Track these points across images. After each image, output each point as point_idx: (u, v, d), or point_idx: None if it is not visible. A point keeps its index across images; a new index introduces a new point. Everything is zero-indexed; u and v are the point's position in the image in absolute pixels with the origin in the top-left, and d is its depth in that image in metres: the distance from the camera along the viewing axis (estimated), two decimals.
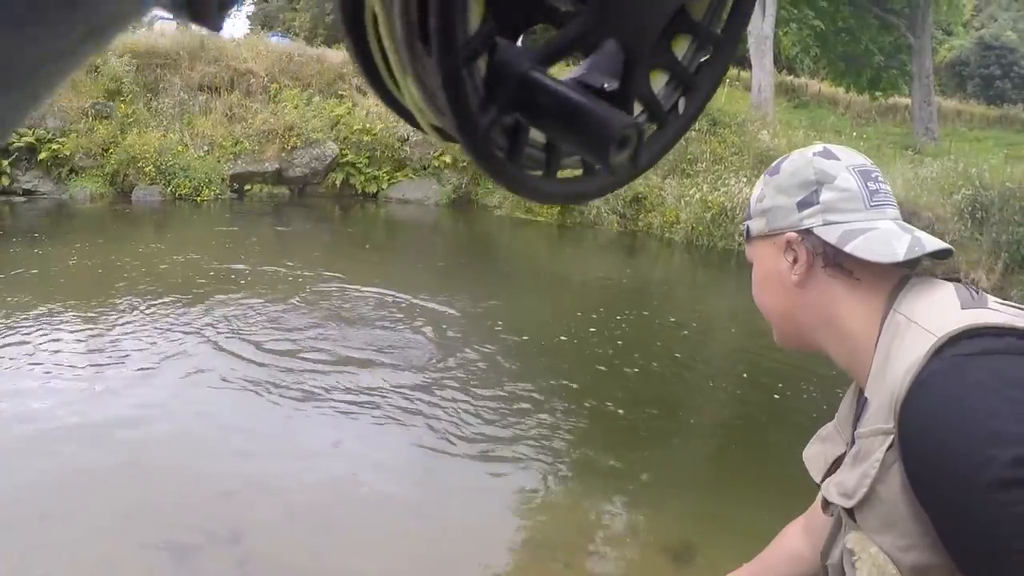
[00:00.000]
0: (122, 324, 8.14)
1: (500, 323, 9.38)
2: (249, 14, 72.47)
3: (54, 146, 17.40)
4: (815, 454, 1.62)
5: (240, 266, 11.35)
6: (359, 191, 20.68)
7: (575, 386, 7.58)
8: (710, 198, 17.54)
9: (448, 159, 21.11)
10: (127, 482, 5.08)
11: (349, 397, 6.71)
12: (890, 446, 1.23)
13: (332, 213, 18.81)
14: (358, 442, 6.07)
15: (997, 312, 1.27)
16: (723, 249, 16.88)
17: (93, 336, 7.71)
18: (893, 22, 30.45)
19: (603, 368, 8.30)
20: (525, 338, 8.98)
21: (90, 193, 17.38)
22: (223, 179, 18.61)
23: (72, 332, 7.79)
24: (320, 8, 62.19)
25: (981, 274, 15.10)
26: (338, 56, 23.55)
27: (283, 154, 19.70)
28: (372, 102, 21.73)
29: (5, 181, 16.94)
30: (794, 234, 1.47)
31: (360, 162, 20.66)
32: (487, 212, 20.22)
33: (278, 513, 4.89)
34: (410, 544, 4.79)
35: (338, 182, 20.48)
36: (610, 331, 10.07)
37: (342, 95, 21.91)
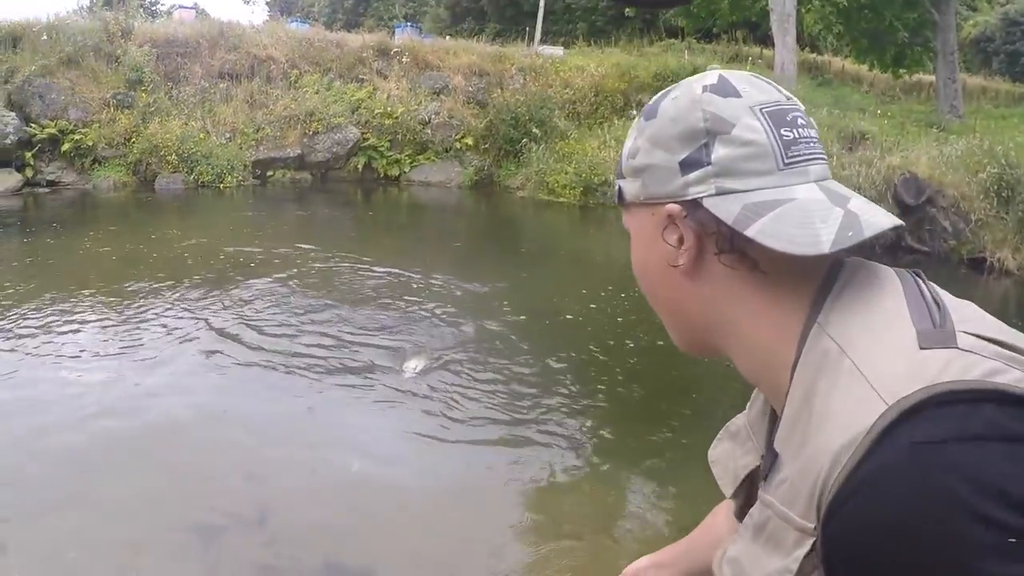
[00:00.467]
0: (141, 309, 8.20)
1: (508, 303, 9.41)
2: (268, 1, 72.61)
3: (76, 137, 17.51)
4: (724, 455, 1.30)
5: (257, 249, 11.41)
6: (381, 175, 20.71)
7: (593, 365, 7.57)
8: None
9: (470, 141, 21.12)
10: (151, 466, 5.11)
11: (364, 379, 6.73)
12: (809, 551, 0.90)
13: (354, 197, 18.84)
14: (375, 425, 6.08)
15: (970, 356, 0.86)
16: None
17: (113, 322, 7.78)
18: None
19: (621, 347, 8.28)
20: (543, 319, 9.00)
21: (113, 182, 17.48)
22: (245, 166, 18.67)
23: (92, 318, 7.85)
24: None
25: (1007, 253, 14.93)
26: (357, 40, 23.58)
27: (304, 139, 19.74)
28: (392, 85, 21.75)
29: (29, 173, 17.07)
30: (677, 206, 1.04)
31: (382, 146, 20.68)
32: (509, 194, 20.19)
33: (303, 496, 4.91)
34: (428, 526, 4.80)
35: (360, 166, 20.52)
36: (630, 310, 10.05)
37: (362, 79, 21.92)
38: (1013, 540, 0.74)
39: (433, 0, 62.30)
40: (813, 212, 0.97)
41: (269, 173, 19.33)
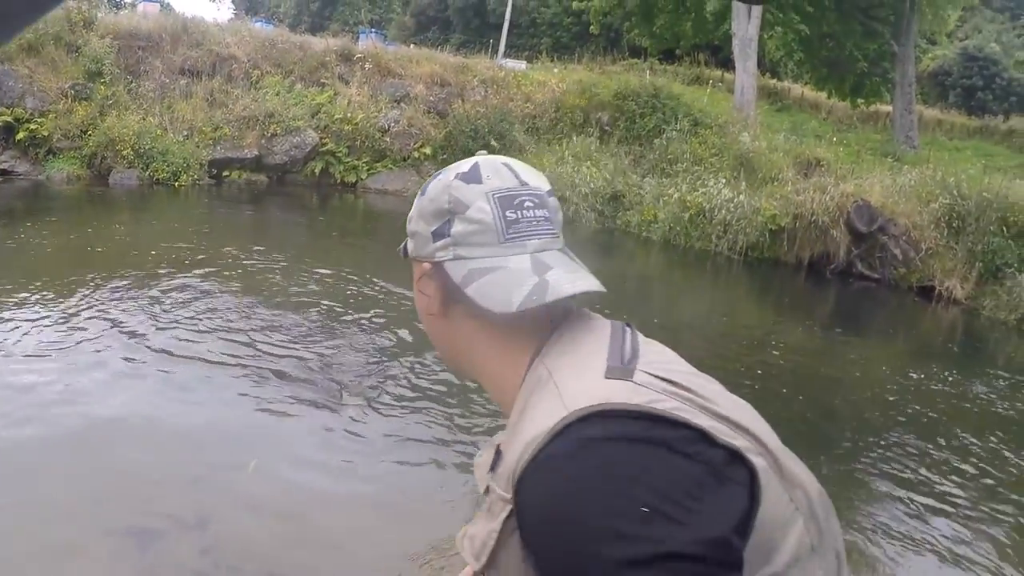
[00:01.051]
0: (73, 307, 8.06)
1: None
2: None
3: (32, 126, 17.30)
4: (483, 463, 1.37)
5: (202, 249, 11.30)
6: (338, 180, 20.65)
7: None
8: (688, 198, 17.57)
9: (428, 151, 21.13)
10: (84, 468, 5.03)
11: (304, 380, 6.69)
12: (508, 515, 1.14)
13: (310, 201, 18.75)
14: (316, 432, 6.03)
15: (640, 388, 1.12)
16: (700, 249, 16.91)
17: (46, 319, 7.64)
18: (878, 29, 30.55)
19: None
20: None
21: (67, 175, 17.27)
22: (202, 165, 18.51)
23: (23, 315, 7.71)
24: None
25: (955, 283, 15.19)
26: (321, 44, 23.52)
27: (263, 141, 19.63)
28: (354, 91, 21.70)
29: None
30: (428, 265, 1.34)
31: (340, 151, 20.63)
32: None
33: (242, 501, 4.87)
34: (376, 539, 4.77)
35: (317, 171, 20.45)
36: None
37: (324, 83, 21.86)
38: (646, 509, 0.99)
39: (399, 8, 62.41)
40: (513, 279, 1.25)
41: (225, 173, 19.20)
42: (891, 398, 8.60)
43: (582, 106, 22.35)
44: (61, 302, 8.13)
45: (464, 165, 1.38)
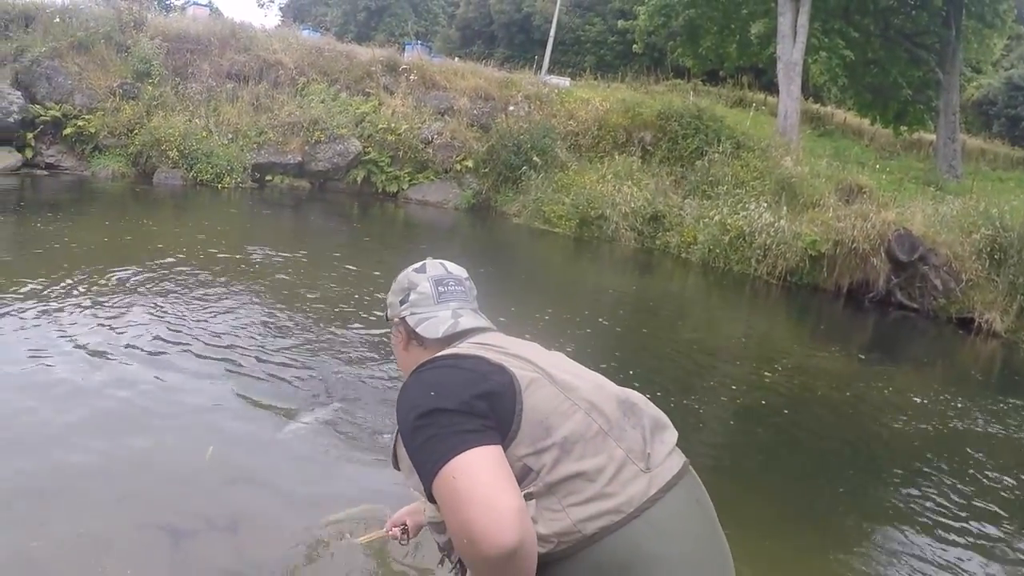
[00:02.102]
0: (119, 300, 8.12)
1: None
2: (282, 5, 72.90)
3: (80, 123, 17.55)
4: None
5: (256, 254, 11.36)
6: (379, 189, 20.78)
7: None
8: (729, 221, 17.52)
9: (470, 164, 21.21)
10: (121, 463, 5.03)
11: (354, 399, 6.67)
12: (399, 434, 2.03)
13: (350, 209, 18.84)
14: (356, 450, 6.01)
15: (457, 349, 2.11)
16: (739, 273, 16.85)
17: (82, 309, 7.67)
18: (923, 57, 30.38)
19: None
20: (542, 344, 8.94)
21: (112, 172, 17.50)
22: (245, 168, 18.69)
23: (65, 305, 7.75)
24: (352, 5, 62.48)
25: (996, 315, 15.04)
26: (367, 54, 23.68)
27: (306, 147, 19.80)
28: (398, 102, 21.82)
29: (29, 154, 17.06)
30: (398, 320, 2.39)
31: (382, 161, 20.77)
32: (505, 220, 20.25)
33: (276, 503, 4.85)
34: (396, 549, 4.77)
35: (359, 179, 20.59)
36: (617, 347, 10.05)
37: (369, 93, 22.02)
38: (432, 392, 1.88)
39: (445, 21, 62.72)
40: (440, 322, 2.26)
41: (268, 177, 19.36)
42: (926, 429, 8.51)
43: (625, 125, 22.33)
44: (100, 294, 8.19)
45: (417, 264, 2.43)
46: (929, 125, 32.88)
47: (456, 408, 1.82)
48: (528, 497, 1.82)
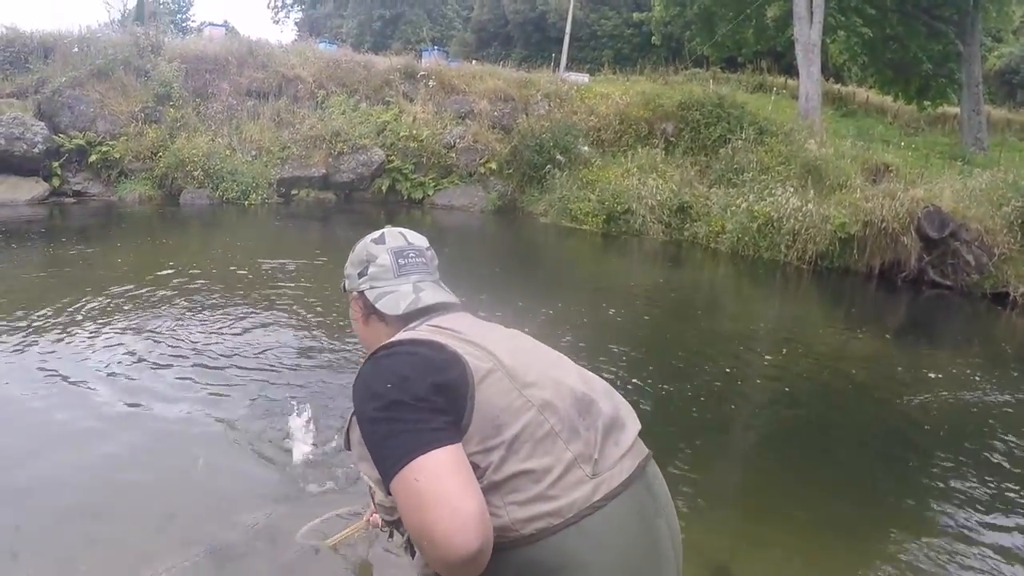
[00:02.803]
0: (155, 319, 8.18)
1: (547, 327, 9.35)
2: (297, 20, 73.20)
3: (104, 149, 17.74)
4: None
5: (290, 265, 11.43)
6: (405, 197, 20.86)
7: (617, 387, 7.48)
8: (756, 208, 17.43)
9: (494, 166, 21.25)
10: (165, 482, 5.09)
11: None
12: (351, 421, 2.01)
13: (377, 218, 18.88)
14: None
15: (415, 332, 2.06)
16: (769, 260, 16.76)
17: (124, 329, 7.75)
18: (942, 29, 30.11)
19: (642, 375, 8.27)
20: (579, 342, 8.94)
21: (139, 195, 17.68)
22: (270, 184, 18.82)
23: (102, 326, 7.83)
24: (367, 15, 62.66)
25: None
26: (384, 63, 23.78)
27: (330, 160, 19.90)
28: (418, 108, 21.88)
29: (56, 183, 17.24)
30: (356, 294, 2.34)
31: (406, 168, 20.84)
32: (532, 219, 20.26)
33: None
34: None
35: (384, 188, 20.67)
36: (653, 338, 10.04)
37: (389, 101, 22.10)
38: (388, 384, 1.85)
39: (460, 24, 62.78)
40: (401, 297, 2.23)
41: (293, 192, 19.46)
42: (965, 412, 8.44)
43: (646, 118, 22.32)
44: (136, 315, 8.26)
45: (375, 234, 2.38)
46: (952, 98, 32.64)
47: (415, 402, 1.80)
48: None
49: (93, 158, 17.71)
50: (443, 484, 1.70)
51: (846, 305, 14.70)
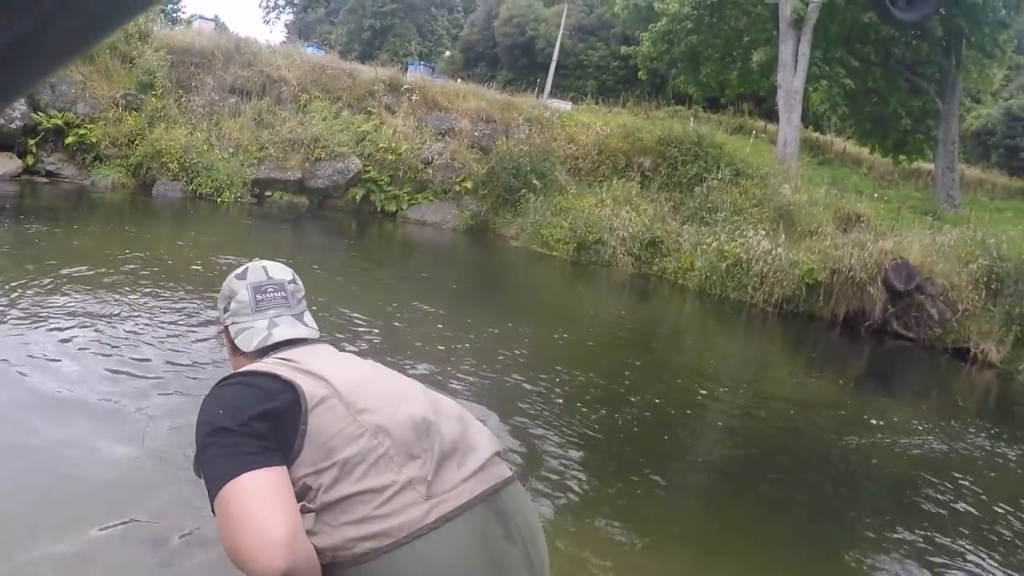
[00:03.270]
0: (126, 306, 8.09)
1: (471, 355, 9.33)
2: (288, 22, 73.23)
3: (81, 131, 17.57)
4: None
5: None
6: (378, 208, 20.81)
7: (567, 426, 7.48)
8: (727, 248, 17.54)
9: (470, 185, 21.25)
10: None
11: None
12: None
13: (348, 227, 18.85)
14: None
15: (258, 364, 2.14)
16: (736, 300, 16.87)
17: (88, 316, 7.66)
18: (923, 87, 30.45)
19: (598, 409, 8.26)
20: (519, 367, 8.93)
21: (112, 182, 17.50)
22: (245, 183, 18.71)
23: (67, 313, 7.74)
24: (357, 24, 62.74)
25: (991, 345, 15.07)
26: (370, 73, 23.74)
27: (307, 164, 19.83)
28: (399, 121, 21.88)
29: (30, 160, 17.08)
30: (223, 327, 2.44)
31: (382, 180, 20.80)
32: (503, 242, 20.27)
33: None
34: None
35: (358, 197, 20.62)
36: (611, 372, 10.04)
37: (371, 111, 22.06)
38: (220, 411, 1.95)
39: (448, 42, 63.00)
40: (255, 333, 2.31)
41: (268, 193, 19.38)
42: (916, 460, 8.50)
43: (624, 150, 22.37)
44: (78, 298, 8.17)
45: (239, 269, 2.45)
46: (928, 154, 33.00)
47: (236, 428, 1.87)
48: (306, 511, 1.90)
49: (70, 140, 17.52)
50: (252, 506, 1.77)
51: (807, 350, 14.81)
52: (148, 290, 9.12)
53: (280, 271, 2.45)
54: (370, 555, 1.85)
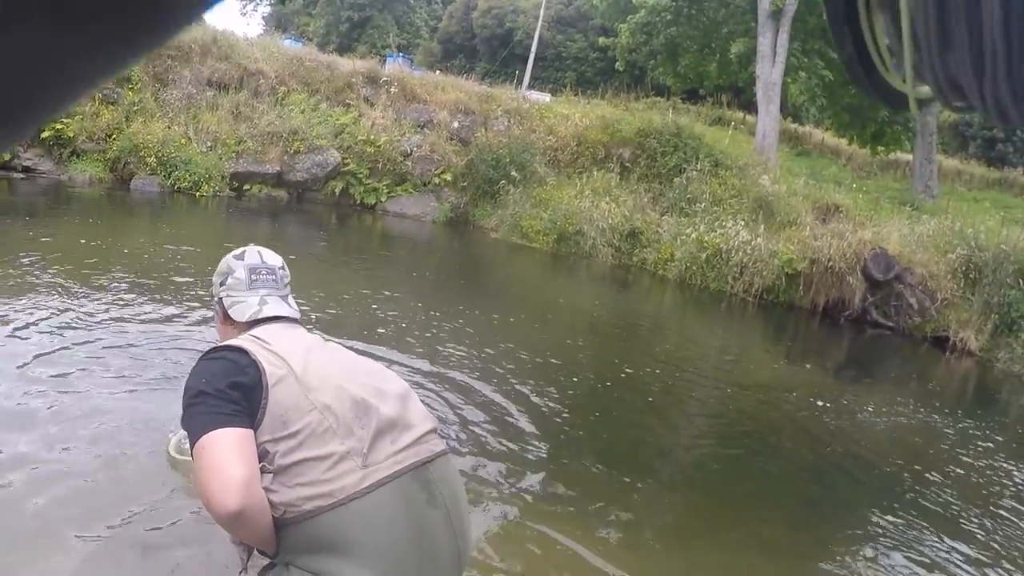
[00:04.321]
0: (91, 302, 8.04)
1: (447, 342, 9.31)
2: (265, 15, 72.84)
3: (58, 126, 17.37)
4: None
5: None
6: (357, 201, 20.72)
7: (549, 423, 7.48)
8: (706, 238, 17.58)
9: (449, 177, 21.19)
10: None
11: None
12: None
13: (327, 220, 18.78)
14: None
15: (236, 341, 2.50)
16: (715, 290, 16.91)
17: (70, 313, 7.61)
18: None
19: (576, 403, 8.27)
20: (493, 354, 8.92)
21: (89, 177, 17.35)
22: (223, 176, 18.58)
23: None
24: (335, 16, 62.56)
25: (970, 334, 15.16)
26: (348, 65, 23.64)
27: (285, 157, 19.72)
28: (378, 114, 21.80)
29: (6, 156, 16.91)
30: (217, 299, 2.80)
31: (361, 172, 20.70)
32: (483, 234, 20.25)
33: None
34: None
35: (337, 190, 20.52)
36: (589, 360, 10.05)
37: (349, 104, 21.95)
38: (202, 379, 2.37)
39: (427, 34, 62.86)
40: (248, 307, 2.70)
41: (246, 187, 19.27)
42: (900, 445, 8.56)
43: (604, 141, 22.36)
44: (88, 297, 8.12)
45: (237, 251, 2.82)
46: (906, 146, 33.13)
47: (214, 392, 2.28)
48: (265, 471, 2.28)
49: (46, 134, 17.33)
50: (221, 454, 2.17)
51: (788, 339, 14.86)
52: (126, 286, 9.08)
53: (273, 257, 2.89)
54: (315, 512, 2.25)
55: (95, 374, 6.21)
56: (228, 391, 2.29)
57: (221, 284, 2.81)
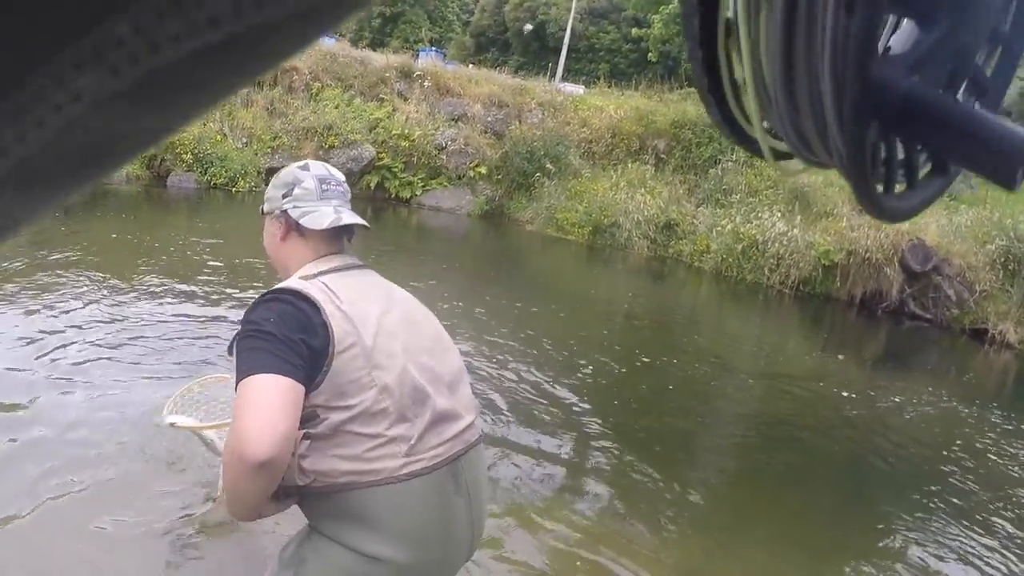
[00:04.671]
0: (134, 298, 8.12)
1: (491, 333, 9.33)
2: None
3: None
4: None
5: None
6: (392, 195, 20.79)
7: (584, 414, 7.48)
8: (742, 230, 17.48)
9: (484, 170, 21.19)
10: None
11: None
12: None
13: (363, 215, 18.72)
14: None
15: (305, 284, 2.30)
16: (752, 282, 16.82)
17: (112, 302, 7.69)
18: None
19: (613, 397, 8.26)
20: (531, 347, 8.93)
21: (127, 175, 17.48)
22: (259, 172, 18.69)
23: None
24: (367, 11, 62.55)
25: (1009, 326, 14.98)
26: (381, 60, 23.68)
27: (320, 152, 19.78)
28: (412, 108, 21.83)
29: None
30: (279, 212, 2.52)
31: (396, 167, 20.76)
32: (518, 226, 20.24)
33: None
34: None
35: (372, 184, 20.59)
36: (627, 351, 10.03)
37: (383, 99, 22.00)
38: (270, 318, 2.17)
39: (459, 28, 62.87)
40: (324, 216, 2.46)
41: None
42: (933, 440, 8.49)
43: (638, 133, 22.29)
44: (126, 293, 8.20)
45: (300, 163, 2.61)
46: None
47: (284, 339, 2.15)
48: (306, 436, 2.23)
49: None
50: (271, 400, 2.06)
51: (824, 331, 14.77)
52: (155, 280, 9.17)
53: (338, 172, 2.70)
54: (347, 487, 2.23)
55: (117, 364, 6.30)
56: (298, 343, 2.17)
57: (285, 196, 2.55)
